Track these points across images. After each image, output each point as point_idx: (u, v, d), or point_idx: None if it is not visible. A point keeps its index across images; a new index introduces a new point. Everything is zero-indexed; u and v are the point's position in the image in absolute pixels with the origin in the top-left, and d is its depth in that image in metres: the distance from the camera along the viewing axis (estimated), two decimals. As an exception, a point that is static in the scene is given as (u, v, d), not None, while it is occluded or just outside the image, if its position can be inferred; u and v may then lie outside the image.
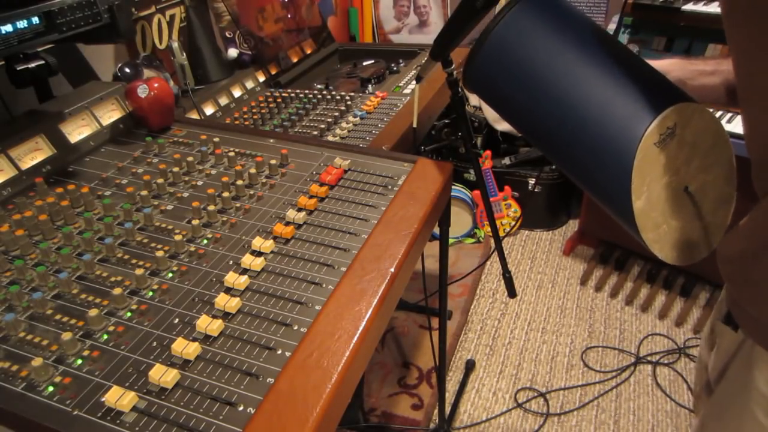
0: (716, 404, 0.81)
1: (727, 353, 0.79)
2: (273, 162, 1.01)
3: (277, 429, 0.58)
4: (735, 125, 1.68)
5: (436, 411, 1.72)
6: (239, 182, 0.96)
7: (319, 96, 1.54)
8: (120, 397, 0.61)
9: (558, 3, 0.78)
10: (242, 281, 0.77)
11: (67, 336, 0.67)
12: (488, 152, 2.43)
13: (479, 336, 2.05)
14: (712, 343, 0.87)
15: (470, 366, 1.91)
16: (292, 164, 1.04)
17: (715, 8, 1.83)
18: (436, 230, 1.13)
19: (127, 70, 1.31)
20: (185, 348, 0.66)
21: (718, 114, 1.73)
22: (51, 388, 0.63)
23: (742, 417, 0.73)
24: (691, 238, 0.77)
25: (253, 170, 0.99)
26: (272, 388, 0.63)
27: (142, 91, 1.10)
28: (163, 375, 0.63)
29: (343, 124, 1.36)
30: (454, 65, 0.92)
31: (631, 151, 0.69)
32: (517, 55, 0.77)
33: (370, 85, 1.68)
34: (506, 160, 2.52)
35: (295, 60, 1.78)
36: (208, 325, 0.70)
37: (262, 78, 1.65)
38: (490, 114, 2.45)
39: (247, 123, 1.42)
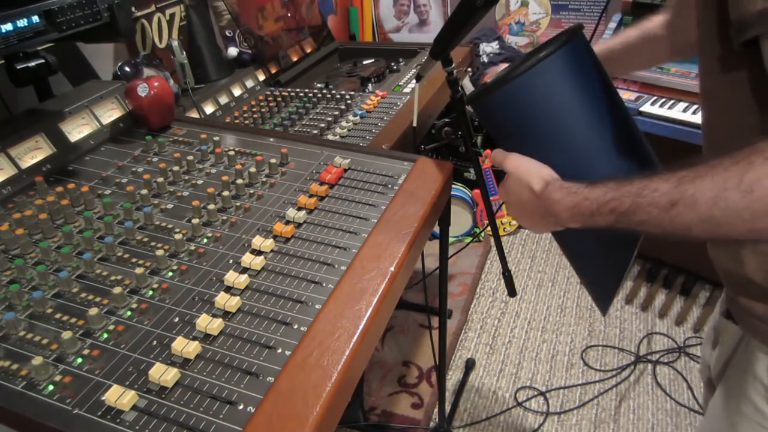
0: (719, 397, 0.83)
1: (729, 348, 0.81)
2: (273, 161, 1.01)
3: (277, 428, 0.58)
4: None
5: (436, 410, 1.72)
6: (239, 181, 0.96)
7: (319, 95, 1.54)
8: (120, 396, 0.61)
9: (586, 63, 0.77)
10: (242, 280, 0.76)
11: (67, 335, 0.67)
12: (488, 151, 2.43)
13: (479, 335, 2.05)
14: (715, 341, 0.88)
15: (470, 365, 1.91)
16: (292, 163, 1.04)
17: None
18: (436, 229, 1.13)
19: (127, 69, 1.31)
20: (185, 347, 0.66)
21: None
22: (51, 387, 0.63)
23: (741, 404, 0.75)
24: None
25: (253, 169, 0.99)
26: (272, 387, 0.63)
27: (142, 90, 1.10)
28: (163, 374, 0.63)
29: (343, 123, 1.36)
30: (454, 64, 0.91)
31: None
32: (533, 109, 0.76)
33: (370, 84, 1.68)
34: (506, 159, 2.51)
35: (295, 59, 1.78)
36: (208, 324, 0.70)
37: (262, 77, 1.65)
38: (490, 113, 2.45)
39: (247, 122, 1.42)
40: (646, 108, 1.81)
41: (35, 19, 0.89)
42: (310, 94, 1.54)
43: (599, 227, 0.65)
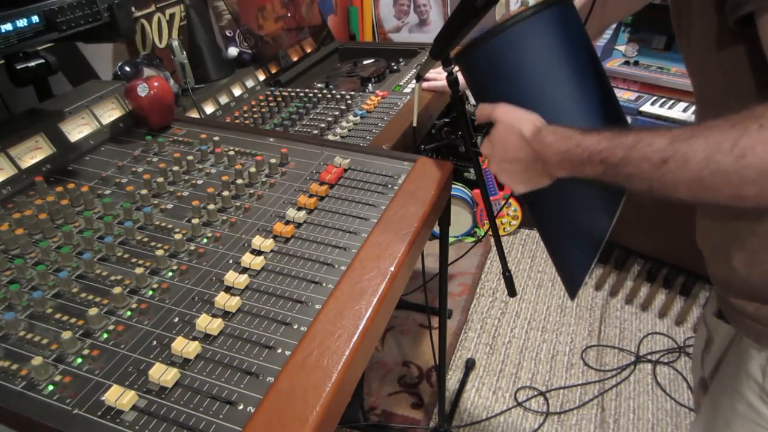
0: (712, 396, 0.83)
1: (722, 347, 0.82)
2: (273, 161, 1.01)
3: (277, 428, 0.58)
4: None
5: (436, 410, 1.72)
6: (239, 181, 0.96)
7: (319, 95, 1.54)
8: (120, 396, 0.61)
9: (571, 26, 0.80)
10: (242, 280, 0.76)
11: (67, 335, 0.67)
12: (488, 151, 2.43)
13: (479, 335, 2.05)
14: (707, 340, 0.88)
15: (470, 365, 1.91)
16: (292, 163, 1.04)
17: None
18: (436, 229, 1.13)
19: (127, 68, 1.31)
20: (185, 347, 0.66)
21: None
22: (51, 387, 0.63)
23: (735, 402, 0.76)
24: None
25: (253, 169, 0.99)
26: (272, 387, 0.63)
27: (142, 90, 1.10)
28: (163, 374, 0.63)
29: (343, 123, 1.36)
30: (454, 64, 0.91)
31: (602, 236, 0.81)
32: (521, 62, 0.78)
33: (370, 84, 1.68)
34: (506, 159, 2.51)
35: (295, 59, 1.78)
36: (208, 324, 0.70)
37: (262, 77, 1.65)
38: (490, 113, 2.45)
39: (247, 122, 1.41)
40: (646, 108, 1.81)
41: (35, 19, 0.89)
42: (310, 94, 1.54)
43: (585, 178, 0.65)
